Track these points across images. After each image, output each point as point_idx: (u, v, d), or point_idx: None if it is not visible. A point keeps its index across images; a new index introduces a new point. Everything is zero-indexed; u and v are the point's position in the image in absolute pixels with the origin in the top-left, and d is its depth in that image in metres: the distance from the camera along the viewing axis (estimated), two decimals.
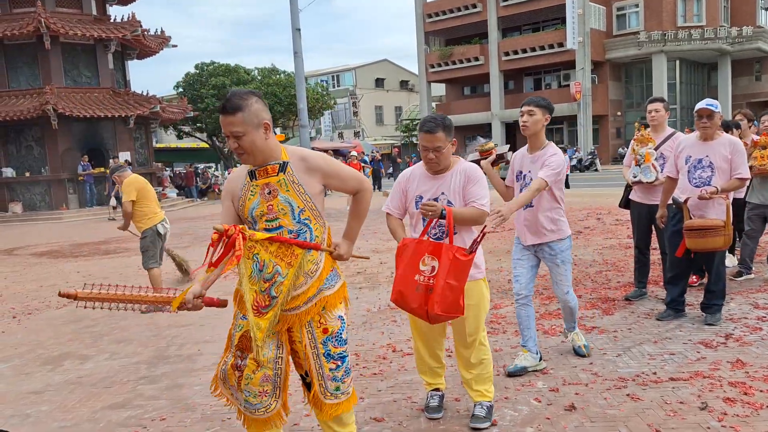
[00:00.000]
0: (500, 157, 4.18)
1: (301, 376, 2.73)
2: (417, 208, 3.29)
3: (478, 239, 3.12)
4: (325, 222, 2.67)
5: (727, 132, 5.30)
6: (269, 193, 2.54)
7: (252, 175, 2.58)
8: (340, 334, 2.65)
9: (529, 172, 3.96)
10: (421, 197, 3.30)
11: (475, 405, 3.35)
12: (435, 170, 3.26)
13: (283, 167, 2.54)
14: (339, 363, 2.65)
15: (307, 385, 2.71)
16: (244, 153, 2.50)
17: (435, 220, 3.14)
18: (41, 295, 7.70)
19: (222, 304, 2.66)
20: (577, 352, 4.24)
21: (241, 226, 2.48)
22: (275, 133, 3.10)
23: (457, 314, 3.05)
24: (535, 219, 3.96)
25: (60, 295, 2.43)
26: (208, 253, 2.48)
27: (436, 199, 3.25)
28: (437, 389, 3.53)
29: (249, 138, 2.45)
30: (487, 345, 3.39)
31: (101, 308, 2.57)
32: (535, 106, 3.94)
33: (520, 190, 3.99)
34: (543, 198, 3.91)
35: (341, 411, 2.70)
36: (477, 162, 4.21)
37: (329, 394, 2.66)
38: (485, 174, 4.17)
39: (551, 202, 3.94)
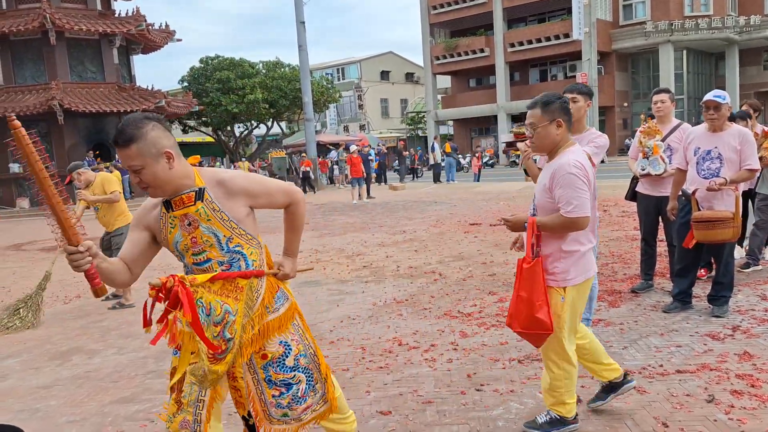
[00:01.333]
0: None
1: (243, 417, 2.49)
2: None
3: (534, 242, 2.84)
4: (261, 242, 2.43)
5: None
6: (189, 224, 2.27)
7: (168, 205, 2.29)
8: (283, 360, 2.39)
9: None
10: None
11: (546, 411, 3.09)
12: (534, 150, 3.10)
13: (200, 195, 2.26)
14: (283, 390, 2.39)
15: (250, 428, 2.48)
16: (148, 187, 2.22)
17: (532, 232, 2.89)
18: (49, 291, 7.73)
19: (97, 291, 2.25)
20: None
21: (179, 276, 2.22)
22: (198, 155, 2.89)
23: (543, 331, 2.78)
24: None
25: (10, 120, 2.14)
26: (146, 311, 2.21)
27: (535, 194, 3.06)
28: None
29: (149, 171, 2.17)
30: (560, 365, 2.93)
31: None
32: (578, 93, 4.17)
33: None
34: None
35: None
36: (512, 144, 4.35)
37: (275, 420, 2.41)
38: (522, 157, 4.33)
39: None
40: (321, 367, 2.51)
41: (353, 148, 19.73)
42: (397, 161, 28.37)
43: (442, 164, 24.12)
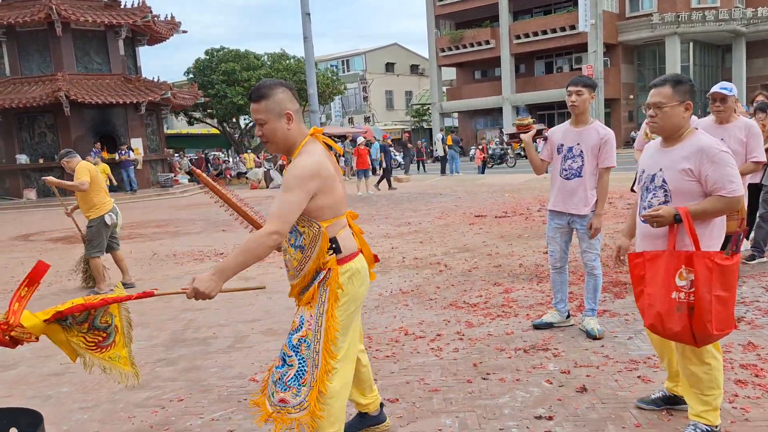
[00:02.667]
0: (538, 133, 4.41)
1: None
2: (641, 183, 2.93)
3: (740, 237, 2.63)
4: (320, 226, 2.47)
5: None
6: None
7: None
8: (292, 333, 2.51)
9: (578, 144, 4.24)
10: (642, 171, 2.92)
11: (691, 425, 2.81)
12: (654, 131, 2.84)
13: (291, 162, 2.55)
14: (278, 363, 2.52)
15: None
16: (267, 141, 2.54)
17: (676, 225, 2.68)
18: (58, 280, 7.81)
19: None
20: (589, 334, 4.27)
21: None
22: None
23: (732, 328, 2.62)
24: (576, 191, 4.25)
25: (190, 170, 2.68)
26: None
27: (653, 178, 2.82)
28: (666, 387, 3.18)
29: (270, 126, 2.50)
30: (715, 357, 2.75)
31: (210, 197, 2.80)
32: (583, 86, 4.23)
33: (561, 162, 4.31)
34: (592, 174, 4.24)
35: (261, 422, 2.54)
36: (515, 135, 4.43)
37: (268, 396, 2.52)
38: (525, 147, 4.38)
39: (596, 179, 4.27)
40: (317, 373, 2.45)
41: (360, 140, 19.84)
42: (402, 153, 28.35)
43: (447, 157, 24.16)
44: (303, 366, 2.44)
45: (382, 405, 3.11)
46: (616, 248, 3.15)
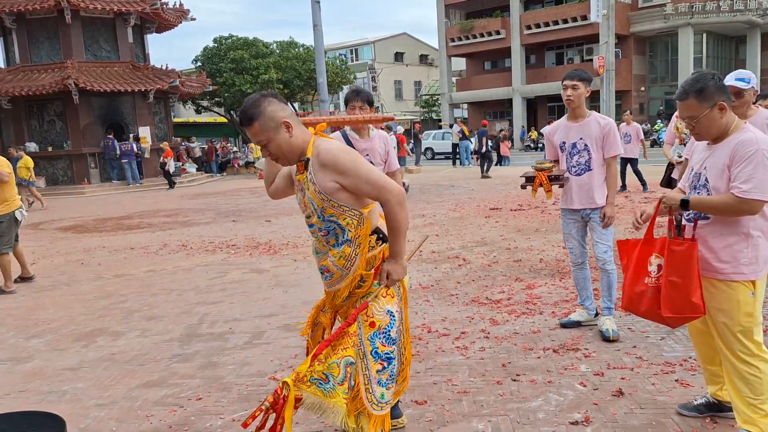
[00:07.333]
0: (556, 179, 4.29)
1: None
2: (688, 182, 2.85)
3: (680, 220, 2.65)
4: (362, 213, 2.40)
5: None
6: (302, 190, 2.47)
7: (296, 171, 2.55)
8: (389, 331, 2.44)
9: (581, 139, 4.16)
10: (691, 169, 2.85)
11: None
12: (699, 140, 2.79)
13: (306, 164, 2.41)
14: (385, 364, 2.42)
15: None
16: (277, 157, 2.42)
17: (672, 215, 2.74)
18: (69, 270, 7.73)
19: None
20: (603, 335, 4.12)
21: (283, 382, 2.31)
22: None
23: (695, 314, 2.62)
24: (590, 185, 4.16)
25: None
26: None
27: (698, 177, 2.73)
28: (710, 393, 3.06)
29: (274, 143, 2.37)
30: (758, 362, 2.63)
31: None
32: (579, 80, 4.12)
33: (567, 160, 4.23)
34: (601, 166, 4.16)
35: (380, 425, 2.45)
36: (531, 179, 4.36)
37: (375, 403, 2.41)
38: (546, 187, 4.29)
39: (605, 172, 4.20)
40: (405, 352, 2.67)
41: (399, 128, 19.83)
42: (412, 143, 28.08)
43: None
44: (400, 350, 2.56)
45: (398, 401, 3.02)
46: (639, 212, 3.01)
